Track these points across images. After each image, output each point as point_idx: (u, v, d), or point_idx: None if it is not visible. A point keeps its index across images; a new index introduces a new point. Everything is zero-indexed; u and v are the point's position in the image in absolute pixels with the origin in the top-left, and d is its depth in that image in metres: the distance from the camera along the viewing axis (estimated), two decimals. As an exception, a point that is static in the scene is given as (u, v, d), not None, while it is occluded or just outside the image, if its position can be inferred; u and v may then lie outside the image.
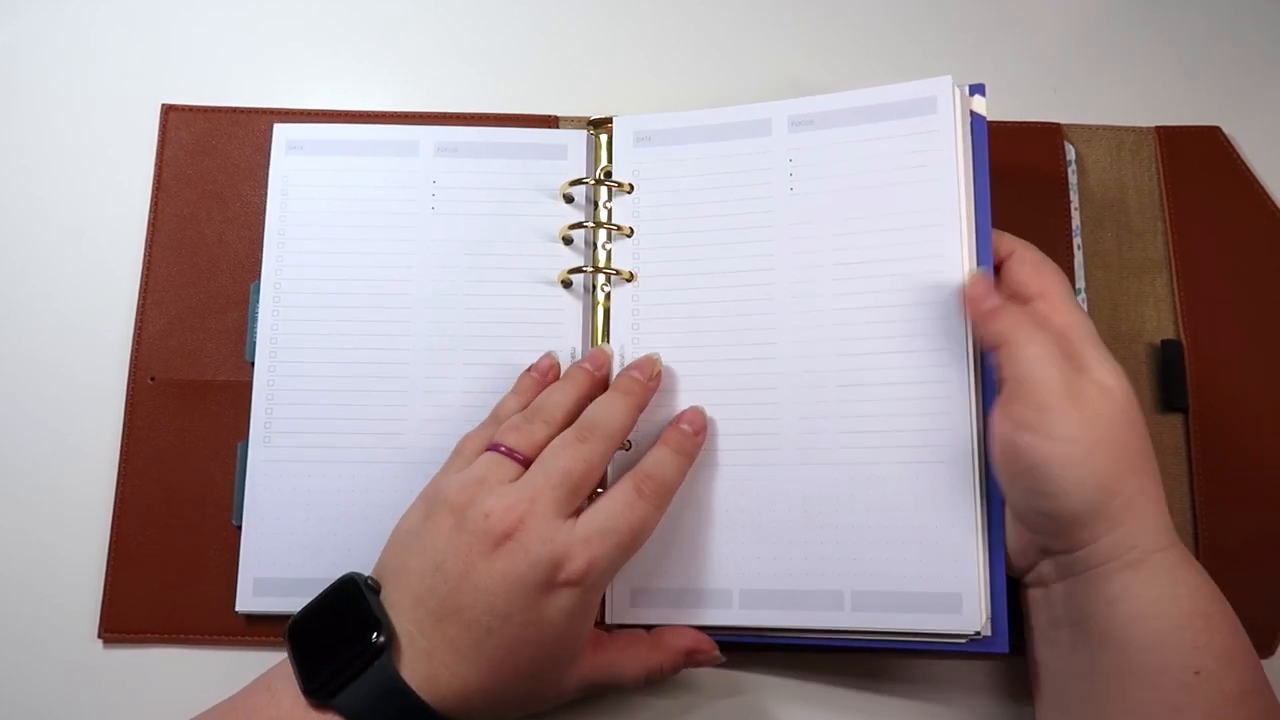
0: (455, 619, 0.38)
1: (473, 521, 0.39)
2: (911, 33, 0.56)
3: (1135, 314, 0.51)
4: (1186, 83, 0.55)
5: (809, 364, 0.45)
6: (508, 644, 0.38)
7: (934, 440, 0.43)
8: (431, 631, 0.38)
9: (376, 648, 0.37)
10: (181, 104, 0.52)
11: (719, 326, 0.46)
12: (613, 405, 0.43)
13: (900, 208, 0.45)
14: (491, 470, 0.40)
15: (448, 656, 0.38)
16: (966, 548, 0.42)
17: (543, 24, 0.56)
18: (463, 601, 0.38)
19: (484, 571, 0.38)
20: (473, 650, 0.38)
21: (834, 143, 0.47)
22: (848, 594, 0.43)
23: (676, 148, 0.48)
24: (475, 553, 0.38)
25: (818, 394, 0.45)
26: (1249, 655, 0.39)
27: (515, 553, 0.38)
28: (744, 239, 0.47)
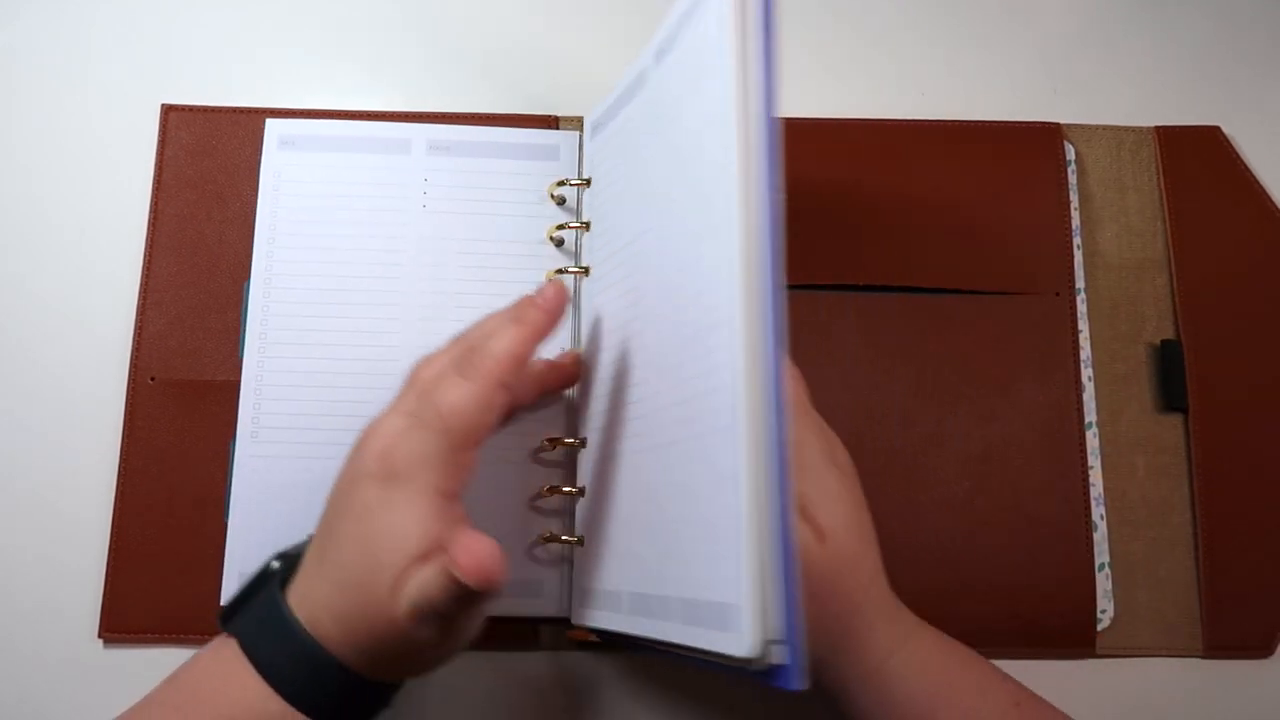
0: (319, 532, 0.38)
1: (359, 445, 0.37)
2: (911, 33, 0.56)
3: (1135, 314, 0.51)
4: (1186, 83, 0.55)
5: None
6: (337, 542, 0.36)
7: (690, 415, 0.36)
8: (329, 546, 0.36)
9: (269, 571, 0.37)
10: (181, 104, 0.52)
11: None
12: (501, 331, 0.38)
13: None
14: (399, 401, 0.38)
15: (312, 573, 0.37)
16: (728, 544, 0.32)
17: (548, 23, 0.56)
18: (325, 512, 0.38)
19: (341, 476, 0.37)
20: (320, 560, 0.36)
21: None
22: (625, 595, 0.39)
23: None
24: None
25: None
26: (999, 689, 0.40)
27: (360, 450, 0.37)
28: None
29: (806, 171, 0.51)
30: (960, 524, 0.47)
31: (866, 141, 0.52)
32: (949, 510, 0.47)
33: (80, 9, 0.55)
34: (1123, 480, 0.49)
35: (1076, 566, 0.47)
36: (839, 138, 0.52)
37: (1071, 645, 0.47)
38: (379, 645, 0.35)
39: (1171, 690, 0.47)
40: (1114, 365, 0.50)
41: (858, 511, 0.39)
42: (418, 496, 0.35)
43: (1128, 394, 0.50)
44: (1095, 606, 0.46)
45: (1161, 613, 0.47)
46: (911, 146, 0.52)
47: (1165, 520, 0.48)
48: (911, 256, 0.50)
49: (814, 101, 0.54)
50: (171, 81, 0.53)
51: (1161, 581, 0.48)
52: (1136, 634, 0.47)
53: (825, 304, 0.49)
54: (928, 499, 0.47)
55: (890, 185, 0.51)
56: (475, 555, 0.33)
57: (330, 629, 0.35)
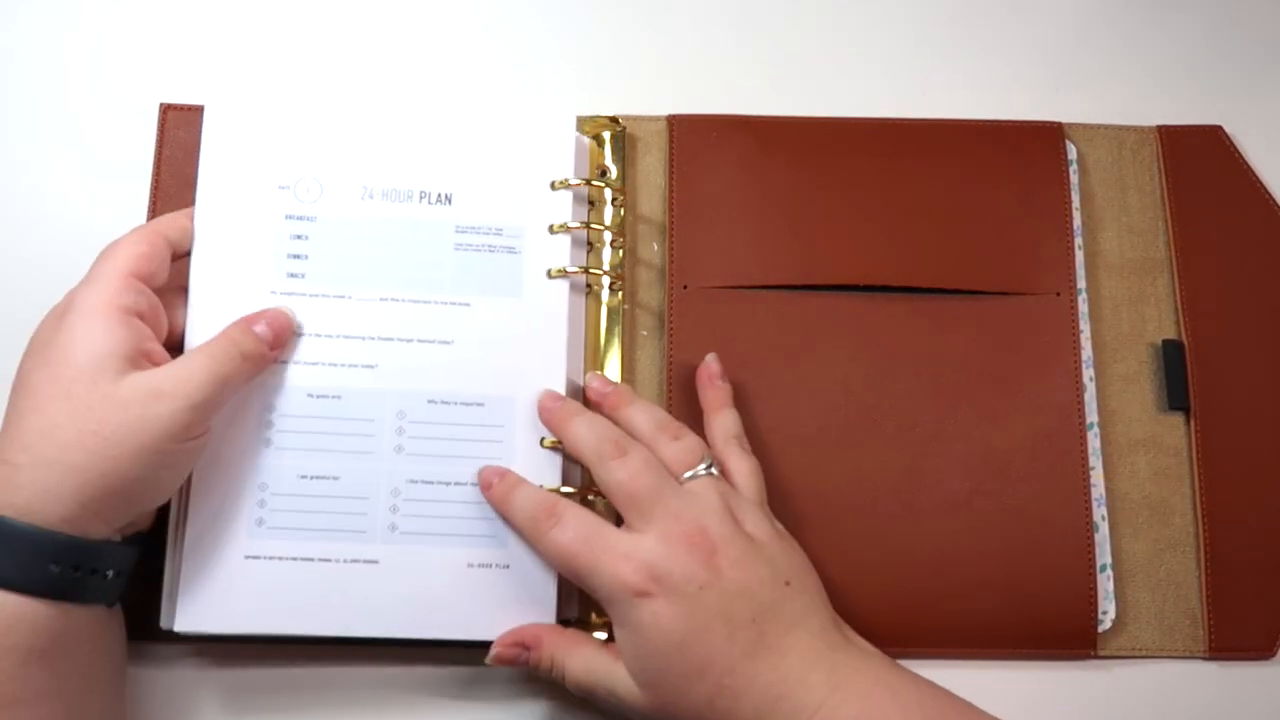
0: (25, 378, 0.39)
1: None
2: (910, 33, 0.56)
3: (1136, 314, 0.51)
4: (1188, 82, 0.55)
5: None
6: (25, 398, 0.39)
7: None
8: (6, 416, 0.39)
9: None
10: (181, 104, 0.52)
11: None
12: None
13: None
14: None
15: (13, 414, 0.38)
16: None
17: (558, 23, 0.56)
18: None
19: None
20: (34, 391, 0.38)
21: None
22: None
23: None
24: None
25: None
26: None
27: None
28: None
29: (806, 171, 0.51)
30: (961, 525, 0.47)
31: (866, 141, 0.52)
32: (949, 511, 0.47)
33: (80, 9, 0.55)
34: (1124, 481, 0.49)
35: (1078, 567, 0.46)
36: (839, 138, 0.52)
37: (1073, 646, 0.46)
38: (93, 459, 0.37)
39: (1173, 691, 0.47)
40: (1115, 365, 0.50)
41: (681, 662, 0.39)
42: (98, 310, 0.39)
43: (1129, 394, 0.50)
44: (1096, 607, 0.46)
45: (1163, 614, 0.47)
46: (911, 146, 0.52)
47: (1167, 521, 0.48)
48: (912, 256, 0.50)
49: (814, 101, 0.54)
50: (171, 81, 0.53)
51: (1163, 582, 0.47)
52: (1138, 635, 0.47)
53: (825, 304, 0.49)
54: (928, 500, 0.47)
55: (890, 185, 0.51)
56: (280, 315, 0.44)
57: (22, 484, 0.36)
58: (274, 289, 0.46)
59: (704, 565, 0.39)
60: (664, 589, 0.38)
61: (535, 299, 0.47)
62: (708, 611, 0.38)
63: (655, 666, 0.39)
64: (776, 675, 0.38)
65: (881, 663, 0.40)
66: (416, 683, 0.46)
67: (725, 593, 0.39)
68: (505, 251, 0.48)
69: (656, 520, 0.40)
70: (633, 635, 0.39)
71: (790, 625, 0.39)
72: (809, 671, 0.38)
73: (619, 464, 0.41)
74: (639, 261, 0.51)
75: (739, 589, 0.39)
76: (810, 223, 0.50)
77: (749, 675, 0.38)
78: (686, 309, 0.49)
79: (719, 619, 0.38)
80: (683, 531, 0.40)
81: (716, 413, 0.46)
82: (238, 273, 0.46)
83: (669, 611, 0.38)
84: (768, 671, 0.38)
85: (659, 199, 0.51)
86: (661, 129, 0.52)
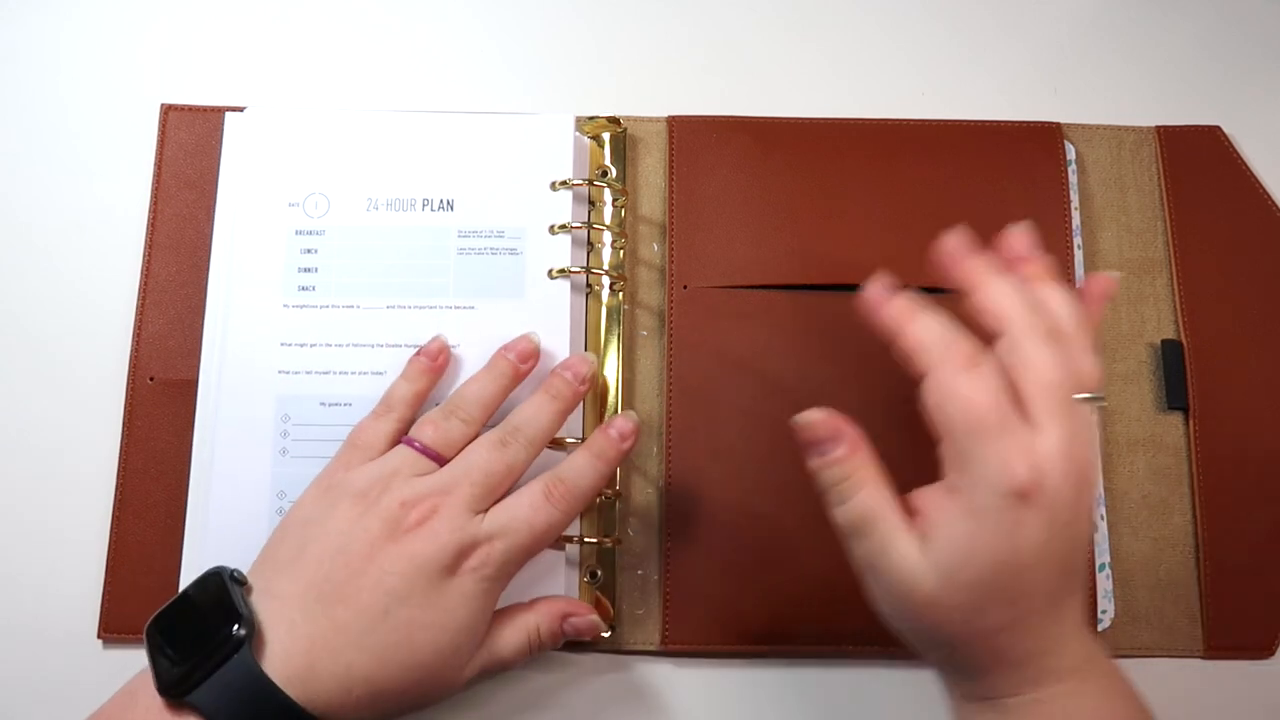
0: (350, 602, 0.37)
1: (385, 509, 0.39)
2: (910, 34, 0.56)
3: (1135, 314, 0.51)
4: (1187, 82, 0.55)
5: None
6: (404, 627, 0.37)
7: None
8: (320, 616, 0.37)
9: (237, 640, 0.36)
10: (181, 104, 0.52)
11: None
12: (539, 410, 0.43)
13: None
14: (405, 464, 0.41)
15: (334, 641, 0.37)
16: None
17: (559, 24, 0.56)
18: (362, 584, 0.38)
19: (390, 554, 0.38)
20: (365, 634, 0.37)
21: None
22: None
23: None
24: (383, 536, 0.38)
25: None
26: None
27: (424, 537, 0.38)
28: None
29: (806, 172, 0.51)
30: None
31: (866, 142, 0.52)
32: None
33: (81, 9, 0.55)
34: (1123, 480, 0.49)
35: (1077, 566, 0.47)
36: (839, 138, 0.52)
37: (1072, 645, 0.46)
38: (404, 704, 0.38)
39: (1172, 691, 0.47)
40: (1114, 365, 0.50)
41: (1010, 577, 0.35)
42: (488, 596, 0.40)
43: (1128, 394, 0.50)
44: (1096, 607, 0.46)
45: (1162, 613, 0.47)
46: (911, 147, 0.52)
47: (1166, 520, 0.48)
48: (911, 257, 0.50)
49: (814, 102, 0.54)
50: (171, 81, 0.53)
51: (1162, 582, 0.48)
52: (1137, 634, 0.47)
53: (825, 304, 0.49)
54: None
55: (890, 185, 0.51)
56: (588, 618, 0.42)
57: (338, 695, 0.36)
58: (286, 302, 0.47)
59: (1084, 503, 0.35)
60: (1045, 503, 0.34)
61: (537, 299, 0.47)
62: (1063, 547, 0.34)
63: (979, 568, 0.34)
64: (1056, 630, 0.36)
65: (1104, 651, 0.38)
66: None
67: (1078, 537, 0.35)
68: (507, 253, 0.48)
69: (1056, 428, 0.34)
70: (979, 526, 0.34)
71: (1078, 589, 0.37)
72: (1072, 639, 0.36)
73: (966, 379, 0.35)
74: (639, 261, 0.51)
75: (1084, 539, 0.36)
76: (810, 223, 0.50)
77: (1043, 621, 0.35)
78: (686, 309, 0.49)
79: (1061, 557, 0.35)
80: (1078, 457, 0.34)
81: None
82: (252, 287, 0.48)
83: (1037, 528, 0.34)
84: (1052, 624, 0.35)
85: (659, 199, 0.52)
86: (661, 130, 0.52)
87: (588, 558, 0.46)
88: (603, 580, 0.46)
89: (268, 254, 0.48)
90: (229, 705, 0.35)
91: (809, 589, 0.46)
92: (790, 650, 0.46)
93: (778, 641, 0.46)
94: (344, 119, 0.50)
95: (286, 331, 0.47)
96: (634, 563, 0.47)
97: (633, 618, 0.47)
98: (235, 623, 0.36)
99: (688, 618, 0.46)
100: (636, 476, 0.48)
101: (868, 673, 0.47)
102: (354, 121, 0.50)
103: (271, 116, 0.50)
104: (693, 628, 0.46)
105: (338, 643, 0.37)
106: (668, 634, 0.46)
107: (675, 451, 0.48)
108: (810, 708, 0.46)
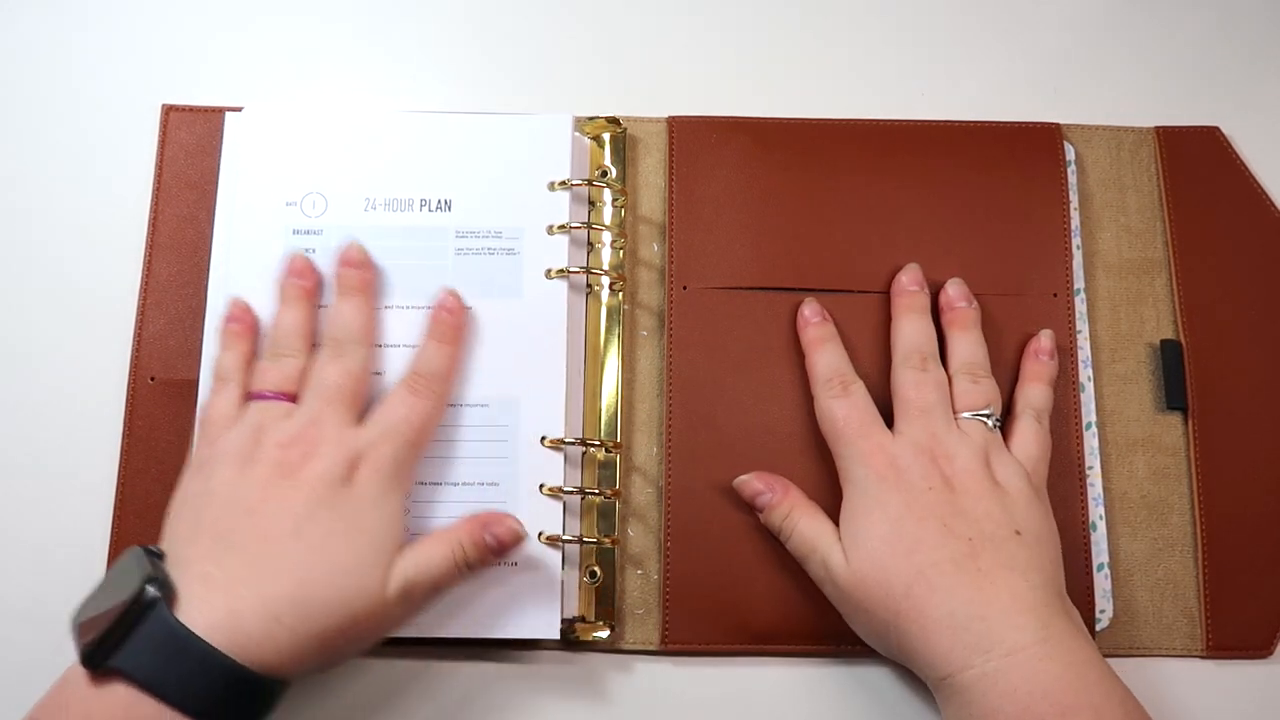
0: (259, 536, 0.38)
1: (266, 456, 0.40)
2: (909, 35, 0.56)
3: (1135, 314, 0.51)
4: (1186, 83, 0.55)
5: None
6: (317, 540, 0.39)
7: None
8: (232, 560, 0.38)
9: (150, 599, 0.36)
10: (181, 104, 0.52)
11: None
12: (345, 310, 0.45)
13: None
14: (264, 414, 0.42)
15: (251, 577, 0.37)
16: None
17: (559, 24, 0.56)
18: (266, 517, 0.39)
19: (285, 486, 0.39)
20: (280, 558, 0.38)
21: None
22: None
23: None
24: (274, 476, 0.40)
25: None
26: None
27: (311, 461, 0.40)
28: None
29: (806, 173, 0.51)
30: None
31: (866, 143, 0.52)
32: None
33: (80, 9, 0.55)
34: (1122, 480, 0.49)
35: (1076, 566, 0.47)
36: (838, 139, 0.52)
37: (1071, 645, 0.46)
38: (334, 637, 0.38)
39: (1171, 690, 0.47)
40: (1114, 365, 0.50)
41: (893, 534, 0.41)
42: (391, 497, 0.41)
43: (1127, 394, 0.50)
44: (1094, 606, 0.46)
45: (1161, 613, 0.47)
46: (911, 146, 0.52)
47: (1165, 520, 0.48)
48: (911, 257, 0.50)
49: (813, 103, 0.54)
50: (171, 81, 0.53)
51: (1161, 581, 0.48)
52: (1136, 634, 0.47)
53: (825, 305, 0.49)
54: (927, 499, 0.47)
55: (890, 185, 0.51)
56: (507, 523, 0.42)
57: (259, 634, 0.37)
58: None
59: (939, 477, 0.42)
60: (899, 480, 0.42)
61: (535, 299, 0.47)
62: (928, 508, 0.42)
63: (872, 535, 0.42)
64: (980, 597, 0.40)
65: (1095, 650, 0.40)
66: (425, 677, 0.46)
67: (949, 504, 0.42)
68: (505, 253, 0.48)
69: (911, 429, 0.44)
70: (862, 509, 0.42)
71: (1008, 566, 0.40)
72: (1018, 614, 0.39)
73: (838, 401, 0.45)
74: (639, 262, 0.51)
75: (961, 509, 0.42)
76: (809, 223, 0.50)
77: (952, 579, 0.40)
78: (686, 309, 0.49)
79: (936, 518, 0.41)
80: (931, 449, 0.43)
81: (1031, 383, 0.47)
82: (251, 287, 0.47)
83: (897, 494, 0.42)
84: (971, 589, 0.40)
85: (659, 199, 0.52)
86: (661, 130, 0.52)
87: (588, 558, 0.46)
88: (603, 580, 0.46)
89: (266, 253, 0.48)
90: (150, 662, 0.36)
91: (808, 589, 0.46)
92: (790, 650, 0.47)
93: (778, 641, 0.46)
94: (342, 119, 0.50)
95: None
96: (634, 563, 0.47)
97: (633, 618, 0.47)
98: (148, 584, 0.36)
99: (688, 618, 0.46)
100: (636, 476, 0.48)
101: (867, 672, 0.47)
102: (352, 121, 0.50)
103: (270, 116, 0.50)
104: (693, 628, 0.46)
105: (255, 577, 0.38)
106: (668, 634, 0.46)
107: (675, 451, 0.48)
108: (810, 708, 0.46)
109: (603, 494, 0.46)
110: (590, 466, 0.47)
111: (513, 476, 0.46)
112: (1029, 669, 0.38)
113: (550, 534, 0.45)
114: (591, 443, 0.47)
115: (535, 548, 0.45)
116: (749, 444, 0.48)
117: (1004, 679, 0.38)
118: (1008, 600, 0.39)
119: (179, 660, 0.36)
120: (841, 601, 0.43)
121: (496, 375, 0.46)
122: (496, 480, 0.46)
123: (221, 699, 0.36)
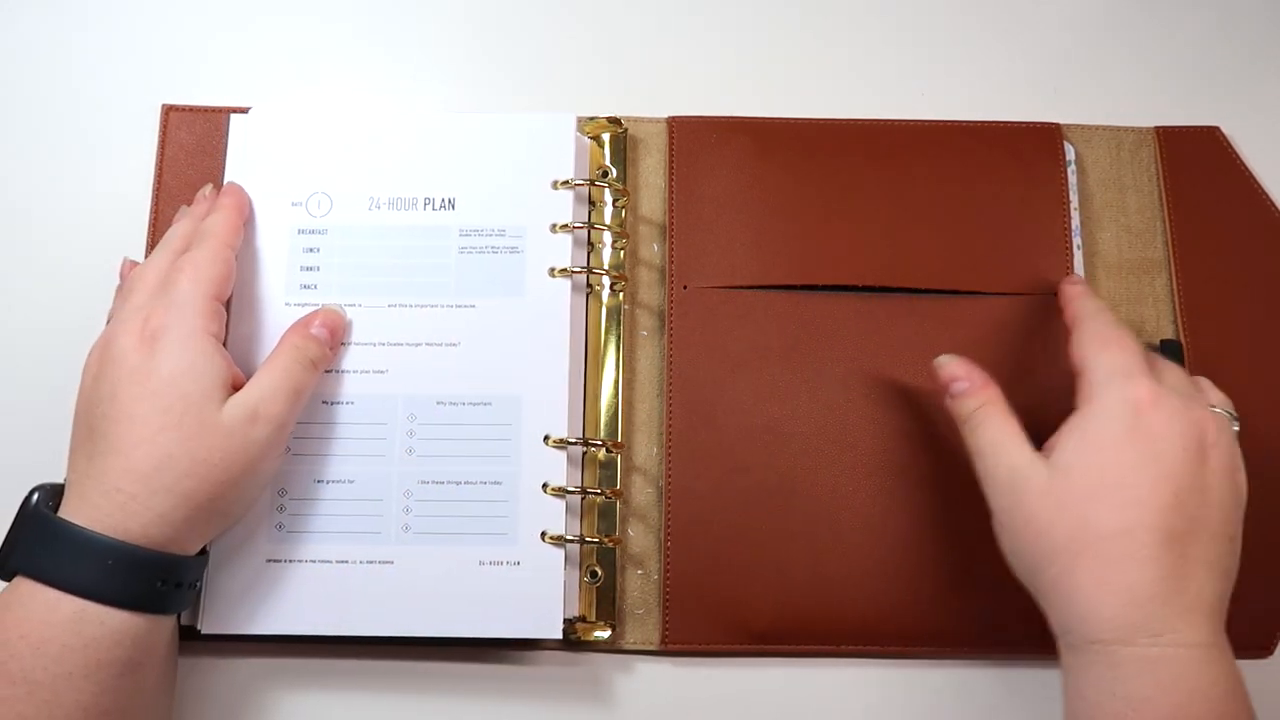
0: (102, 419, 0.40)
1: (102, 341, 0.42)
2: (909, 35, 0.56)
3: (1135, 314, 0.51)
4: (1186, 83, 0.55)
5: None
6: (139, 412, 0.39)
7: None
8: (87, 440, 0.40)
9: (31, 504, 0.40)
10: (181, 104, 0.52)
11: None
12: (216, 216, 0.46)
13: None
14: (114, 312, 0.44)
15: (108, 462, 0.39)
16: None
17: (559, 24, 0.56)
18: (103, 405, 0.40)
19: (109, 366, 0.41)
20: (120, 436, 0.39)
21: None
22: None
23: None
24: (103, 360, 0.41)
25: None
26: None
27: (118, 338, 0.41)
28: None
29: (806, 173, 0.51)
30: (963, 525, 0.47)
31: (865, 143, 0.52)
32: (951, 511, 0.47)
33: (80, 9, 0.55)
34: (1123, 480, 0.49)
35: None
36: (838, 139, 0.52)
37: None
38: (199, 488, 0.39)
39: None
40: (1114, 365, 0.50)
41: (1124, 479, 0.38)
42: (194, 336, 0.41)
43: (1128, 394, 0.50)
44: (1095, 606, 0.46)
45: (1161, 612, 0.47)
46: (911, 146, 0.52)
47: (1165, 520, 0.48)
48: (911, 257, 0.50)
49: (813, 103, 0.54)
50: (171, 81, 0.53)
51: (1162, 581, 0.48)
52: (1137, 634, 0.47)
53: (824, 304, 0.49)
54: (931, 499, 0.47)
55: (890, 185, 0.51)
56: (322, 313, 0.45)
57: (135, 510, 0.38)
58: (289, 300, 0.47)
59: (1198, 445, 0.39)
60: (1159, 428, 0.39)
61: (537, 298, 0.47)
62: (1173, 468, 0.38)
63: (1097, 465, 0.39)
64: (1171, 583, 0.37)
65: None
66: (428, 677, 0.46)
67: (1194, 475, 0.39)
68: (508, 252, 0.48)
69: (1183, 392, 0.41)
70: (1100, 431, 0.39)
71: (1210, 564, 0.38)
72: (1198, 613, 0.37)
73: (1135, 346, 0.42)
74: (639, 261, 0.51)
75: (1203, 486, 0.39)
76: (809, 223, 0.50)
77: (1154, 551, 0.37)
78: (686, 309, 0.49)
79: (1174, 483, 0.38)
80: (1201, 416, 0.40)
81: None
82: (255, 285, 0.47)
83: (1149, 442, 0.38)
84: (1166, 569, 0.37)
85: (659, 200, 0.52)
86: (662, 130, 0.52)
87: (588, 558, 0.46)
88: (603, 580, 0.46)
89: (270, 253, 0.48)
90: (42, 556, 0.38)
91: (808, 589, 0.46)
92: (790, 650, 0.47)
93: (778, 641, 0.46)
94: (346, 118, 0.50)
95: None
96: (634, 563, 0.47)
97: (633, 618, 0.47)
98: (34, 492, 0.40)
99: (688, 618, 0.46)
100: (636, 476, 0.48)
101: (867, 672, 0.47)
102: (356, 121, 0.50)
103: (274, 116, 0.50)
104: (693, 628, 0.46)
105: (111, 460, 0.39)
106: (668, 634, 0.46)
107: (675, 451, 0.48)
108: (810, 708, 0.46)
109: (603, 494, 0.46)
110: (591, 466, 0.47)
111: (515, 475, 0.46)
112: (1194, 668, 0.37)
113: (554, 534, 0.45)
114: (593, 442, 0.47)
115: (537, 547, 0.45)
116: (749, 444, 0.48)
117: (1165, 668, 0.37)
118: (1193, 597, 0.38)
119: (66, 550, 0.38)
120: (1012, 510, 0.40)
121: (500, 374, 0.46)
122: (499, 479, 0.46)
123: (124, 581, 0.38)
